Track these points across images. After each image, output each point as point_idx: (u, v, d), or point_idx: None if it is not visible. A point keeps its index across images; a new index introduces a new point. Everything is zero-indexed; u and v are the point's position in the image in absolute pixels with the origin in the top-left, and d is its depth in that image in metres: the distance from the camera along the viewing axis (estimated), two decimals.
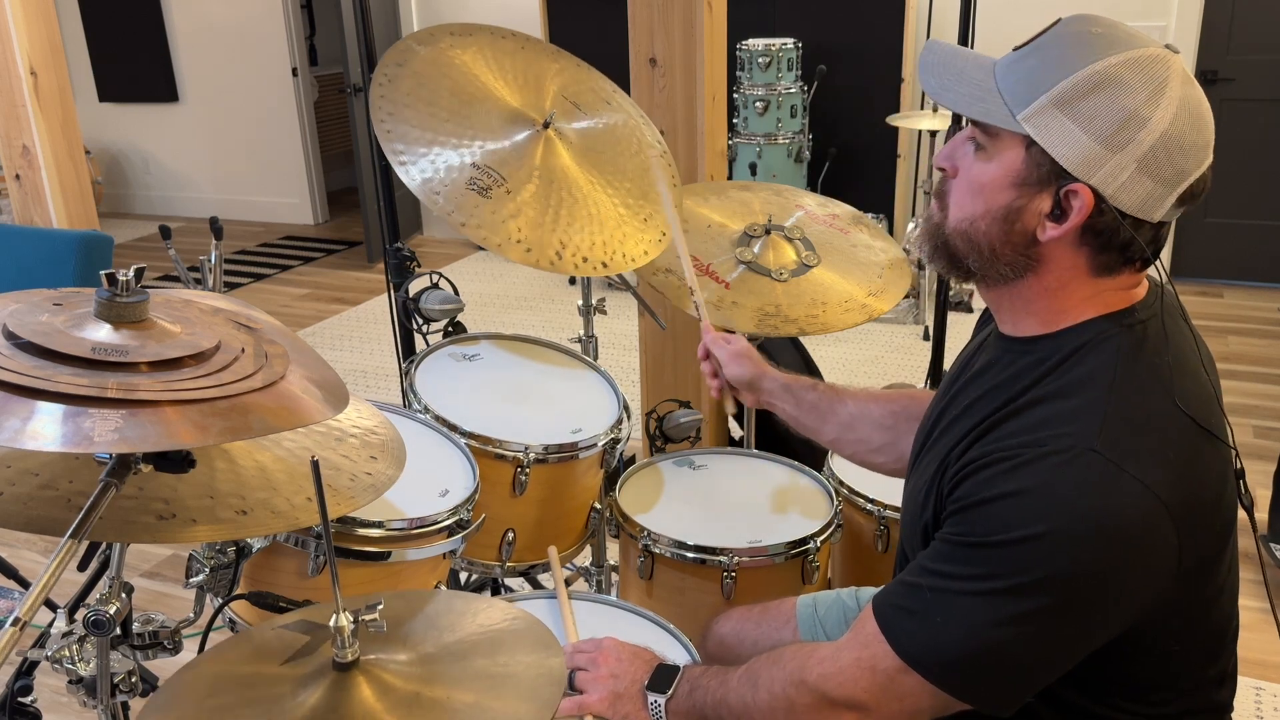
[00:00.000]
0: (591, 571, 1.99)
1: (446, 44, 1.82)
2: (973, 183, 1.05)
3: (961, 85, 1.05)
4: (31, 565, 2.82)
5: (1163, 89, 0.96)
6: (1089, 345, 1.03)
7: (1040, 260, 1.04)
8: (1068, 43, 0.99)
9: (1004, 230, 1.03)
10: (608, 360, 2.17)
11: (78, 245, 2.88)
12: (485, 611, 1.07)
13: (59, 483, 1.04)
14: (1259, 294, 4.79)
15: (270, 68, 6.45)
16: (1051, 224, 1.01)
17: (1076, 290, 1.04)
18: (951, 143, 1.10)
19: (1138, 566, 0.95)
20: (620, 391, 1.87)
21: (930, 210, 1.13)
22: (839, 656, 1.07)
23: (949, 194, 1.09)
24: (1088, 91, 0.97)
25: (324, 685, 0.93)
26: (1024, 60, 1.02)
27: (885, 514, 1.75)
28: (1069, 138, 0.97)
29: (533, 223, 1.66)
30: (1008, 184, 1.02)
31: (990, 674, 0.99)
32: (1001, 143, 1.02)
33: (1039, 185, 1.00)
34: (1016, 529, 0.95)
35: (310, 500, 1.11)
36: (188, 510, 1.05)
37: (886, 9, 4.91)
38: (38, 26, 3.13)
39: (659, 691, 1.18)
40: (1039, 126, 0.98)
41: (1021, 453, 0.98)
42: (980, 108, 1.02)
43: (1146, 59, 0.97)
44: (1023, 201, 1.01)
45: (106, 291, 0.96)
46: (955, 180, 1.09)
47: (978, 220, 1.05)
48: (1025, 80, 1.00)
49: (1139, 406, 0.99)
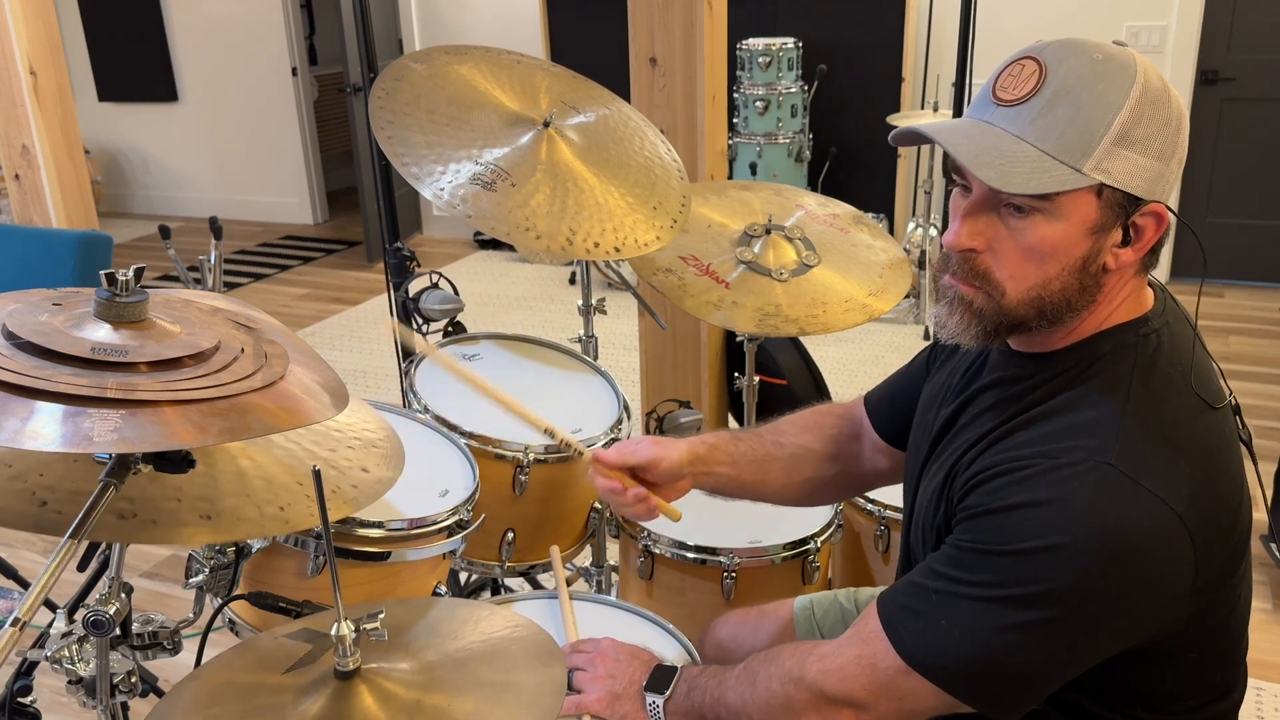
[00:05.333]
0: (591, 572, 1.99)
1: (442, 62, 1.83)
2: (1035, 249, 0.99)
3: (1016, 164, 0.96)
4: (31, 565, 2.81)
5: (1166, 83, 0.99)
6: (1105, 358, 1.02)
7: (1103, 286, 1.02)
8: (1088, 79, 0.96)
9: (1080, 279, 1.00)
10: (608, 360, 2.16)
11: (77, 245, 2.88)
12: (487, 619, 1.07)
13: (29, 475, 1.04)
14: (1259, 294, 4.79)
15: (270, 67, 6.45)
16: (1124, 250, 1.00)
17: (1116, 299, 1.03)
18: (964, 219, 1.02)
19: (1150, 582, 0.94)
20: (620, 391, 1.87)
21: (963, 295, 1.03)
22: (839, 654, 1.06)
23: (992, 271, 1.01)
24: (1138, 119, 0.96)
25: (326, 694, 0.93)
26: (1050, 114, 0.97)
27: (885, 514, 1.75)
28: (1137, 168, 0.97)
29: (541, 212, 1.66)
30: (1083, 235, 0.98)
31: (994, 679, 0.99)
32: (1063, 199, 0.97)
33: (1113, 223, 0.99)
34: (1029, 539, 0.94)
35: (282, 510, 1.11)
36: (161, 512, 1.05)
37: (886, 9, 4.91)
38: (37, 26, 3.13)
39: (657, 692, 1.18)
40: (1109, 171, 0.96)
41: (1036, 463, 0.97)
42: (1048, 180, 0.96)
43: (1140, 64, 0.98)
44: (1099, 244, 0.99)
45: (106, 291, 0.96)
46: (995, 254, 1.01)
47: (1050, 282, 1.00)
48: (1071, 131, 0.96)
49: (1156, 419, 0.98)
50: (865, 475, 1.43)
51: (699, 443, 1.36)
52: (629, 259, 1.77)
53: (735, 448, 1.38)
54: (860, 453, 1.43)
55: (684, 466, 1.33)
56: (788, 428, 1.43)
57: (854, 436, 1.43)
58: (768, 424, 1.44)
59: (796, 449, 1.40)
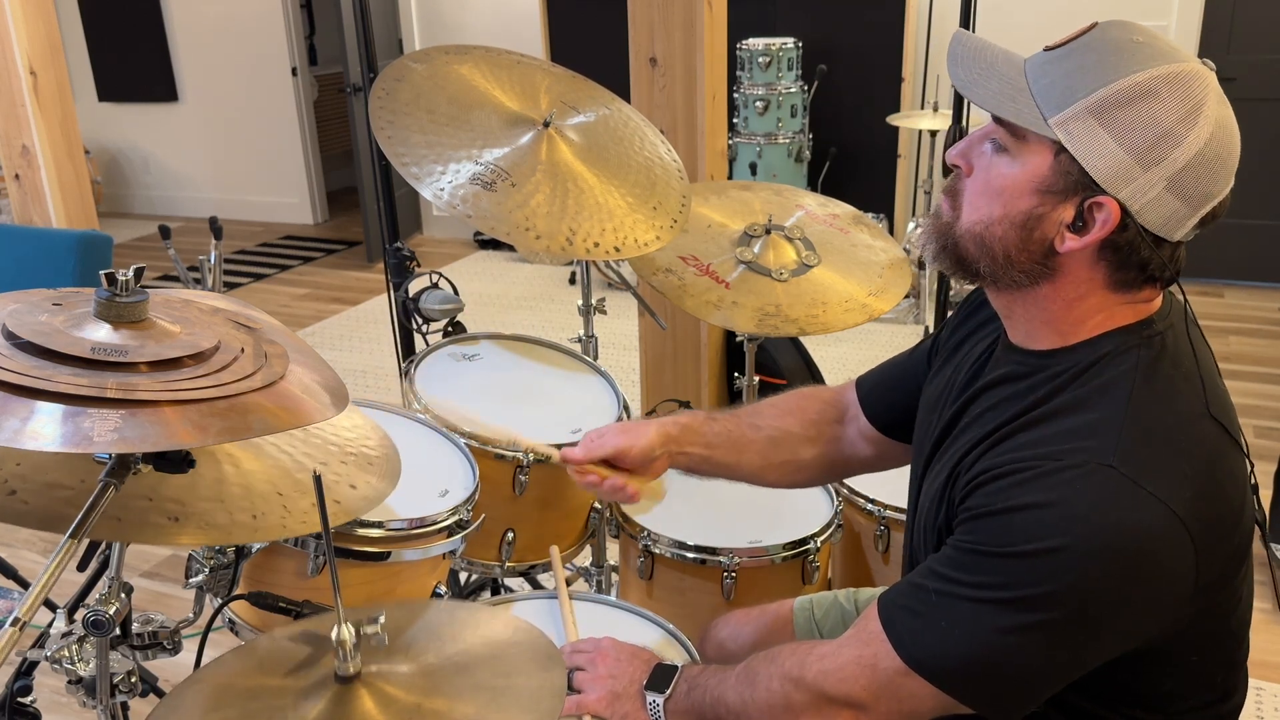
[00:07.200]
0: (591, 572, 1.99)
1: (442, 61, 1.83)
2: (991, 184, 1.02)
3: (992, 81, 1.00)
4: (31, 565, 2.81)
5: (1200, 108, 0.95)
6: (1107, 359, 1.01)
7: (1056, 270, 1.01)
8: (1108, 49, 0.96)
9: (1021, 236, 1.00)
10: (608, 360, 2.16)
11: (77, 245, 2.88)
12: (487, 623, 1.07)
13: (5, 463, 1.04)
14: (1259, 294, 4.79)
15: (270, 67, 6.45)
16: (1071, 235, 0.98)
17: (1093, 303, 1.02)
18: (968, 139, 1.05)
19: (1151, 585, 0.94)
20: (620, 391, 1.87)
21: (939, 207, 1.09)
22: (839, 654, 1.06)
23: (962, 193, 1.05)
24: (1126, 102, 0.94)
25: (326, 697, 0.93)
26: (1059, 62, 0.98)
27: (886, 514, 1.75)
28: (1102, 148, 0.95)
29: (541, 212, 1.66)
30: (1030, 189, 0.99)
31: (993, 681, 0.98)
32: (1028, 146, 0.98)
33: (1063, 194, 0.97)
34: (1030, 541, 0.94)
35: (255, 518, 1.11)
36: (189, 513, 1.05)
37: (886, 9, 4.91)
38: (37, 26, 3.13)
39: (657, 691, 1.18)
40: (1071, 133, 0.95)
41: (1037, 465, 0.96)
42: (1011, 107, 0.98)
43: (1187, 75, 0.95)
44: (1044, 209, 0.99)
45: (106, 291, 0.96)
46: (970, 179, 1.05)
47: (994, 224, 1.01)
48: (1060, 84, 0.97)
49: (1158, 421, 0.97)
50: (846, 460, 1.42)
51: (671, 423, 1.37)
52: (629, 259, 1.77)
53: (709, 428, 1.38)
54: (842, 436, 1.42)
55: (655, 449, 1.33)
56: (768, 410, 1.42)
57: (837, 421, 1.42)
58: (748, 405, 1.44)
59: (774, 431, 1.40)
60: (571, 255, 1.66)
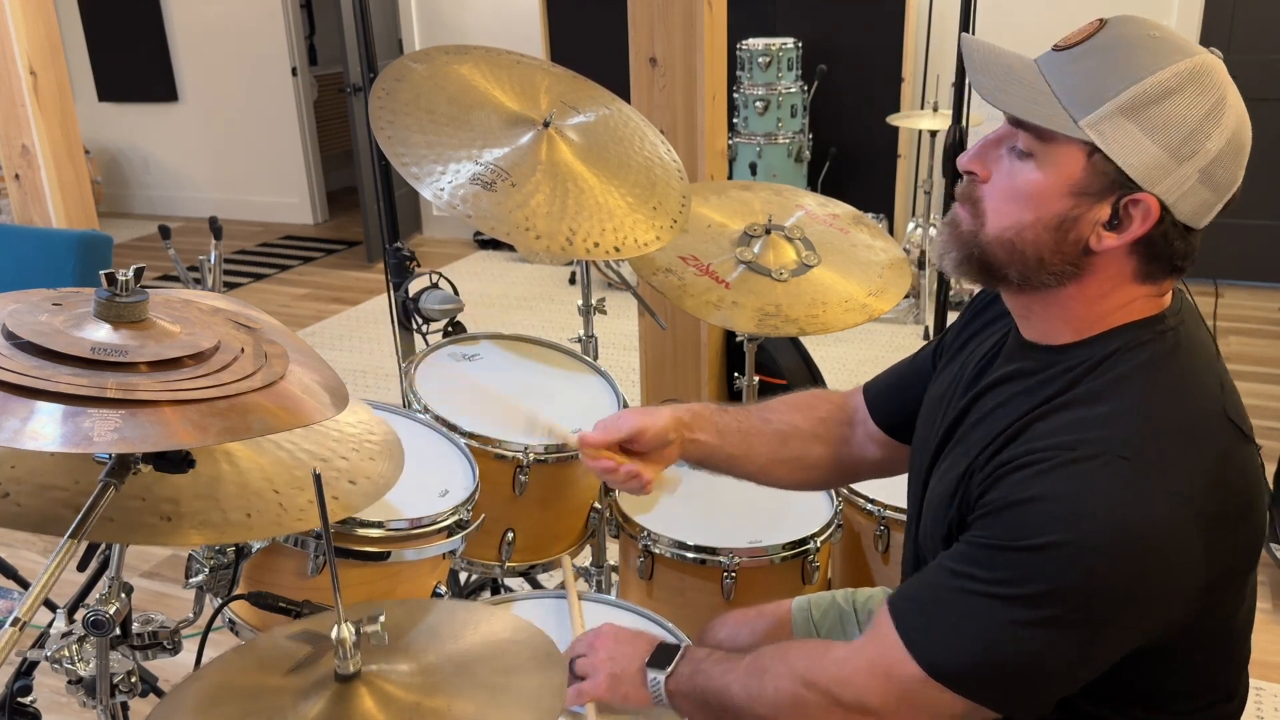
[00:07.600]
0: (591, 572, 1.99)
1: (442, 61, 1.83)
2: (1017, 189, 1.00)
3: (1015, 86, 0.99)
4: (31, 565, 2.81)
5: (1224, 99, 0.96)
6: (1121, 351, 1.01)
7: (1086, 269, 1.01)
8: (1127, 47, 0.96)
9: (1055, 239, 1.00)
10: (608, 360, 2.16)
11: (77, 245, 2.87)
12: (487, 622, 1.07)
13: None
14: (1259, 294, 4.79)
15: (270, 67, 6.45)
16: (1109, 234, 0.98)
17: (1117, 299, 1.02)
18: (981, 145, 1.04)
19: (1159, 580, 0.94)
20: (620, 391, 1.87)
21: (956, 216, 1.07)
22: (853, 660, 1.05)
23: (983, 199, 1.04)
24: (1156, 100, 0.94)
25: (326, 696, 0.93)
26: (1077, 63, 0.98)
27: (886, 514, 1.75)
28: (1137, 147, 0.95)
29: (541, 212, 1.66)
30: (1063, 192, 0.98)
31: (1007, 679, 0.98)
32: (1056, 149, 0.97)
33: (1099, 194, 0.97)
34: (1040, 535, 0.93)
35: (248, 516, 1.11)
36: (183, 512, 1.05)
37: (886, 9, 4.91)
38: (37, 26, 3.13)
39: (659, 668, 1.17)
40: (1104, 134, 0.95)
41: (1052, 455, 0.96)
42: (1040, 112, 0.97)
43: (1207, 67, 0.96)
44: (1079, 211, 0.98)
45: (106, 291, 0.96)
46: (989, 185, 1.03)
47: (1025, 229, 1.00)
48: (1084, 85, 0.96)
49: (1172, 415, 0.97)
50: (855, 461, 1.43)
51: (684, 409, 1.37)
52: (629, 259, 1.77)
53: (721, 418, 1.38)
54: (850, 438, 1.42)
55: (669, 432, 1.33)
56: (778, 406, 1.43)
57: (845, 422, 1.42)
58: (759, 402, 1.44)
59: (784, 425, 1.40)
60: (571, 255, 1.66)
